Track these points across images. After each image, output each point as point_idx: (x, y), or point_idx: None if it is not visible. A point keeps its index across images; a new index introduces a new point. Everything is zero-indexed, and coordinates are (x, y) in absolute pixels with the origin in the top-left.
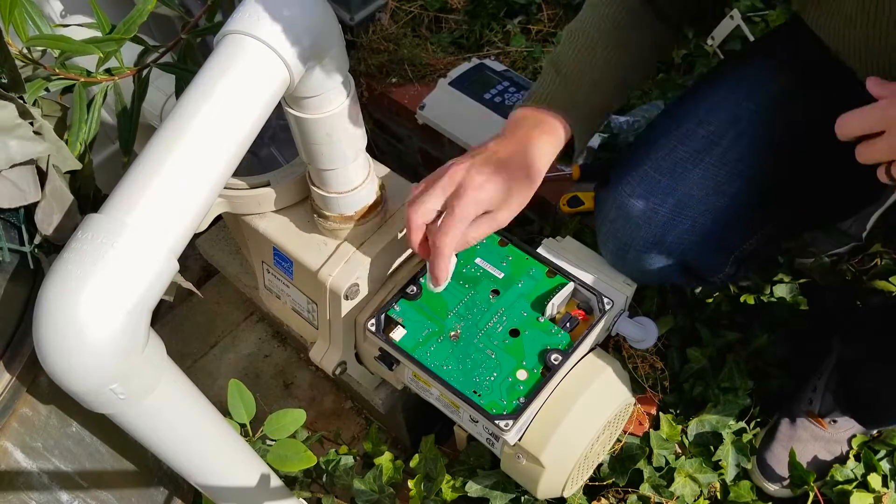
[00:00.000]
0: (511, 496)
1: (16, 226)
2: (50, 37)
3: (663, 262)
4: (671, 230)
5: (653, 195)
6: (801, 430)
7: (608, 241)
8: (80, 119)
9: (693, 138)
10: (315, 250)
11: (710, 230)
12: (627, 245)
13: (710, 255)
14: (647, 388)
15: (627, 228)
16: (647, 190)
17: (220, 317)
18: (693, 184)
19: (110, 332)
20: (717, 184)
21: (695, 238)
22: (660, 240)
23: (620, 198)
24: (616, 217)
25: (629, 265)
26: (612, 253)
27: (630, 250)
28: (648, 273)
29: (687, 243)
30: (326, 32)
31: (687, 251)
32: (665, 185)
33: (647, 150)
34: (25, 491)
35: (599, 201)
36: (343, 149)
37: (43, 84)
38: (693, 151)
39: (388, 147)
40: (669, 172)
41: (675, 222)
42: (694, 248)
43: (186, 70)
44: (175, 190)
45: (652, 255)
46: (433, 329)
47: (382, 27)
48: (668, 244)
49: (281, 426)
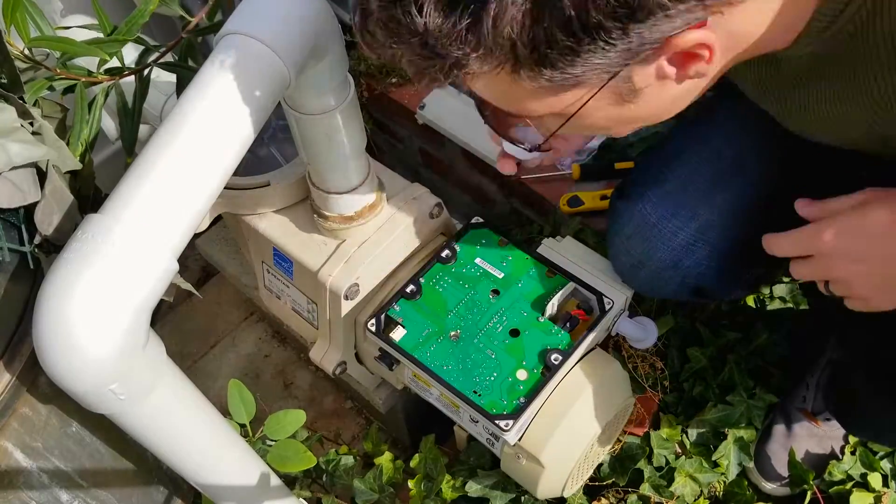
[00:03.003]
0: (511, 496)
1: (16, 226)
2: (52, 38)
3: (677, 283)
4: (690, 255)
5: (676, 217)
6: (797, 428)
7: (621, 256)
8: (82, 119)
9: (719, 159)
10: (315, 250)
11: (727, 257)
12: (642, 263)
13: (725, 280)
14: (647, 388)
15: (645, 247)
16: (669, 211)
17: (220, 317)
18: (715, 208)
19: (110, 332)
20: (741, 211)
21: (712, 264)
22: (677, 263)
23: (641, 215)
24: (633, 234)
25: (641, 282)
26: (624, 267)
27: (644, 269)
28: (660, 292)
29: (704, 268)
30: (326, 32)
31: (703, 276)
32: (689, 207)
33: (669, 165)
34: (25, 490)
35: (616, 212)
36: (342, 149)
37: (45, 84)
38: (718, 173)
39: (388, 147)
40: (694, 194)
41: (694, 247)
42: (709, 274)
43: (188, 69)
44: (174, 190)
45: (666, 276)
46: (433, 329)
47: None
48: (684, 268)
49: (281, 426)
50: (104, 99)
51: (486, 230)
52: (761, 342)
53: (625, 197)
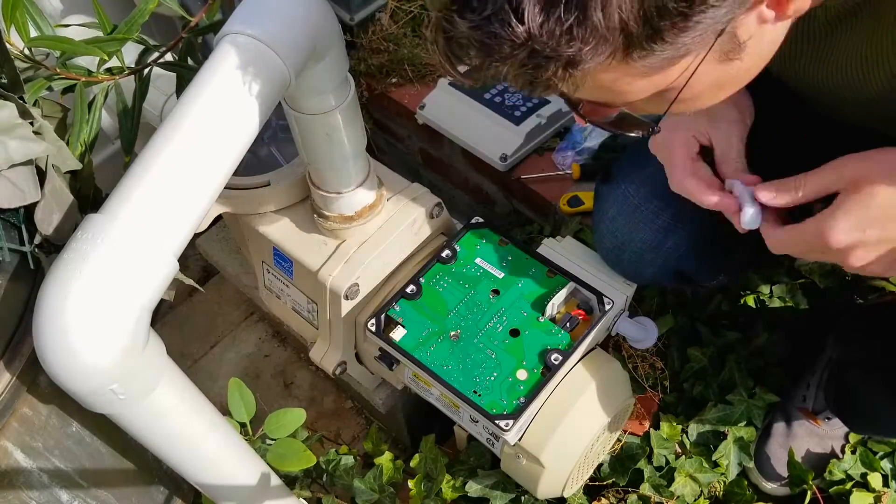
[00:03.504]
0: (511, 496)
1: (16, 226)
2: (52, 38)
3: (658, 266)
4: (670, 237)
5: (656, 199)
6: (797, 427)
7: (605, 239)
8: (82, 119)
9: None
10: (315, 250)
11: (705, 242)
12: (624, 245)
13: (705, 264)
14: (647, 388)
15: (628, 228)
16: (651, 192)
17: (220, 317)
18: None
19: (110, 332)
20: None
21: (690, 246)
22: (658, 245)
23: (624, 196)
24: (617, 215)
25: (625, 265)
26: (607, 251)
27: (626, 251)
28: (642, 275)
29: (684, 251)
30: (326, 33)
31: (682, 259)
32: (667, 191)
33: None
34: (25, 490)
35: (600, 196)
36: (343, 149)
37: (44, 84)
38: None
39: (388, 147)
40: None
41: (674, 230)
42: (689, 258)
43: (188, 68)
44: (175, 190)
45: (648, 258)
46: (433, 329)
47: (382, 27)
48: (665, 250)
49: (281, 425)
50: (104, 99)
51: (486, 230)
52: (761, 342)
53: (609, 181)
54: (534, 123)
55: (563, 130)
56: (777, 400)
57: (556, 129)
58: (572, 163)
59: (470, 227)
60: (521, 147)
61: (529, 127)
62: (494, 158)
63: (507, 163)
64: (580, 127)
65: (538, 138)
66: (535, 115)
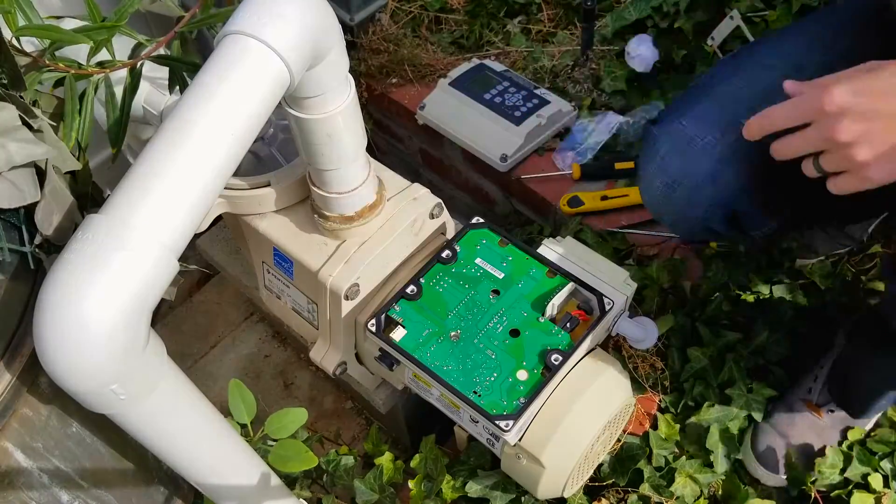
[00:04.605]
0: (511, 496)
1: (16, 226)
2: (39, 26)
3: (710, 202)
4: (727, 168)
5: (713, 129)
6: (799, 419)
7: (655, 179)
8: (73, 110)
9: (757, 82)
10: (315, 250)
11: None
12: (678, 181)
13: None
14: (647, 388)
15: (682, 161)
16: (707, 125)
17: (220, 317)
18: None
19: (111, 332)
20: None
21: (746, 181)
22: (714, 177)
23: (677, 130)
24: (669, 151)
25: (674, 205)
26: (657, 191)
27: (680, 187)
28: (691, 218)
29: (742, 185)
30: (326, 33)
31: (735, 195)
32: (725, 121)
33: (706, 90)
34: (25, 491)
35: (650, 137)
36: (343, 149)
37: (37, 77)
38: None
39: (388, 147)
40: (732, 111)
41: (732, 160)
42: (741, 195)
43: (180, 62)
44: (175, 190)
45: (702, 193)
46: (433, 329)
47: (382, 27)
48: (721, 184)
49: (282, 425)
50: (94, 91)
51: (486, 230)
52: (761, 342)
53: (659, 122)
54: (534, 124)
55: (563, 131)
56: (774, 394)
57: (556, 130)
58: (572, 163)
59: (470, 227)
60: (522, 147)
61: (529, 127)
62: (494, 159)
63: (508, 163)
64: (580, 127)
65: (538, 138)
66: (535, 115)
